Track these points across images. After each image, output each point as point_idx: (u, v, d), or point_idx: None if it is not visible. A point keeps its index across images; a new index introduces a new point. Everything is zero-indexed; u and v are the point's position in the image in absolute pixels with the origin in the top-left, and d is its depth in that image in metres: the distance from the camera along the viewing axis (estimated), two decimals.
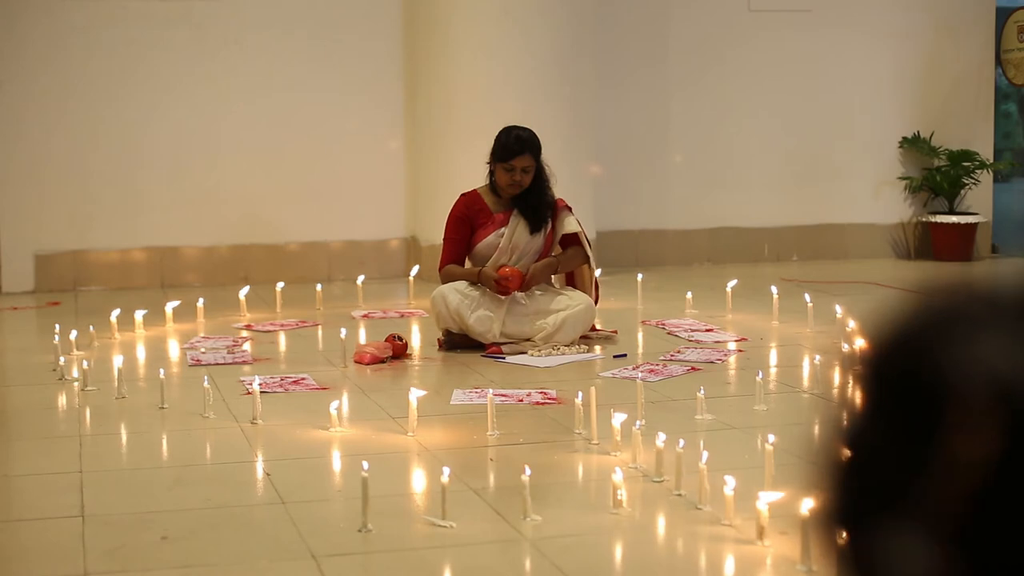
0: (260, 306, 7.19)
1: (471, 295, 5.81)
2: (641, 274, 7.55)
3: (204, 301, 6.92)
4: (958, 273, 8.66)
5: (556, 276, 6.10)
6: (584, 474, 3.91)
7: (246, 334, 6.39)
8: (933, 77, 9.60)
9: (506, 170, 5.81)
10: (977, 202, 9.63)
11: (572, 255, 6.04)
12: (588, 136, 8.33)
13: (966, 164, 9.43)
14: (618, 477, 3.42)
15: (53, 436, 4.40)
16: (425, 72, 8.23)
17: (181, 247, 8.27)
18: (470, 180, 6.19)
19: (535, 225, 5.90)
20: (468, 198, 5.99)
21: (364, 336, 6.28)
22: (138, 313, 6.43)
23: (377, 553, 3.19)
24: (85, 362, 5.22)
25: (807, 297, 6.47)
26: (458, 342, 5.84)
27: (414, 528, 3.34)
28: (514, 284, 5.77)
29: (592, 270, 6.13)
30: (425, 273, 7.83)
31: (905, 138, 9.54)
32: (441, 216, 6.10)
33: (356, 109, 8.47)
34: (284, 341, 6.25)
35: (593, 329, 6.08)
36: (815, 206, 9.43)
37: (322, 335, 6.43)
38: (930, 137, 9.53)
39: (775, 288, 6.77)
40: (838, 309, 6.38)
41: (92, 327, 6.24)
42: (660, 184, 9.14)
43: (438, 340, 5.91)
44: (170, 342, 6.21)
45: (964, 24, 9.64)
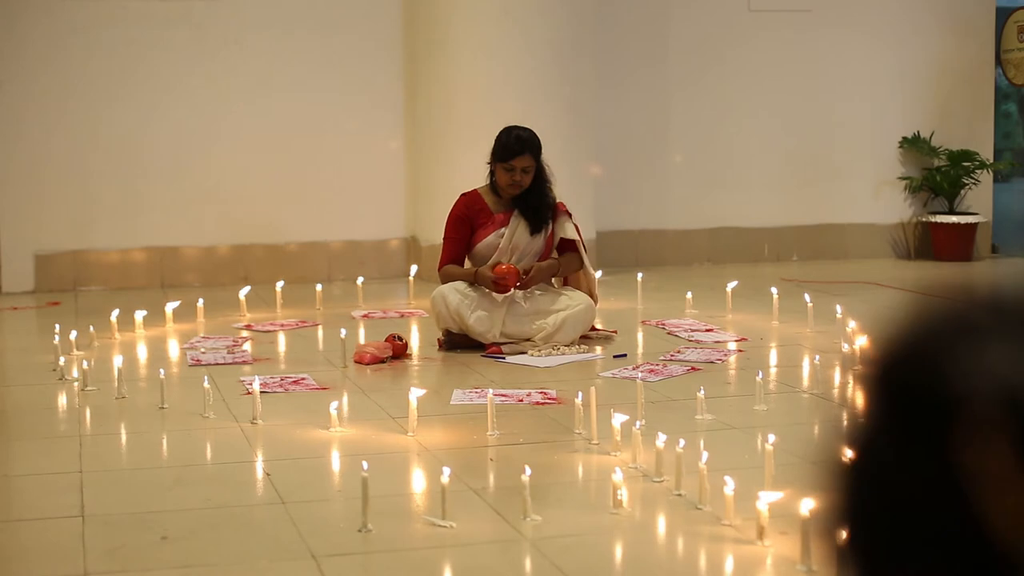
0: (260, 306, 7.19)
1: (471, 295, 5.81)
2: (641, 274, 7.55)
3: (204, 301, 6.92)
4: (961, 276, 8.66)
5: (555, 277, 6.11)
6: (584, 474, 3.91)
7: (246, 334, 6.39)
8: (933, 77, 9.60)
9: (506, 170, 5.80)
10: (977, 202, 9.63)
11: (569, 260, 6.03)
12: (588, 136, 8.33)
13: (966, 164, 9.43)
14: (618, 477, 3.42)
15: (53, 436, 4.40)
16: (425, 72, 8.23)
17: (181, 247, 8.27)
18: (470, 180, 6.19)
19: (535, 226, 5.90)
20: (468, 198, 5.98)
21: (364, 336, 6.28)
22: (138, 313, 6.43)
23: (377, 553, 3.19)
24: (85, 362, 5.22)
25: (807, 297, 6.46)
26: (458, 342, 5.84)
27: (414, 528, 3.34)
28: (511, 281, 5.76)
29: (589, 275, 6.10)
30: (425, 273, 7.82)
31: (905, 138, 9.54)
32: (441, 216, 6.10)
33: (356, 109, 8.47)
34: (284, 341, 6.25)
35: (593, 329, 6.08)
36: (815, 206, 9.42)
37: (322, 335, 6.43)
38: (930, 137, 9.53)
39: (775, 288, 6.77)
40: (838, 309, 6.38)
41: (92, 327, 6.23)
42: (660, 184, 9.14)
43: (438, 340, 5.91)
44: (170, 342, 6.21)
45: (964, 24, 9.64)
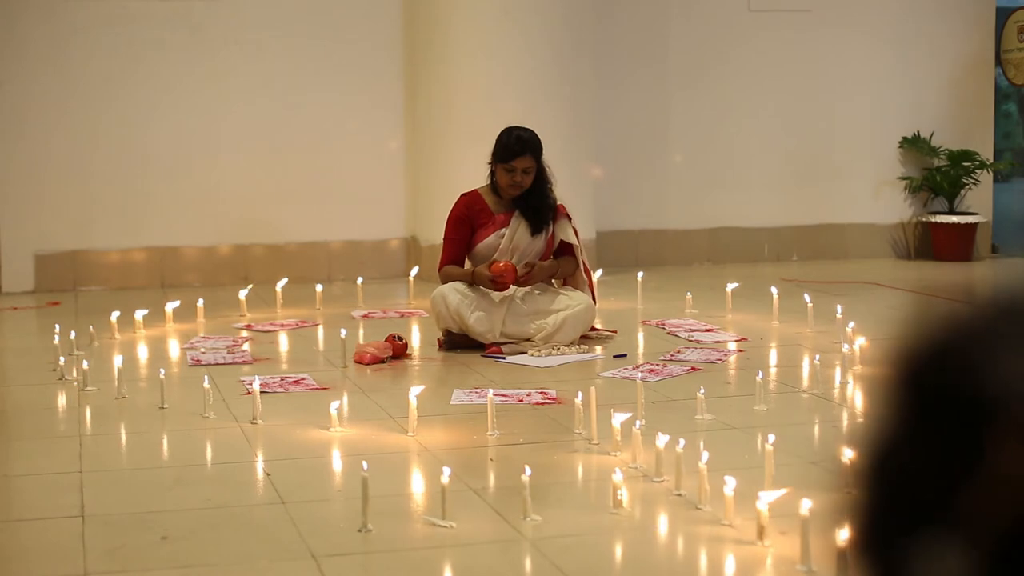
0: (260, 306, 7.19)
1: (471, 295, 5.80)
2: (641, 274, 7.54)
3: (204, 301, 6.92)
4: (961, 276, 8.66)
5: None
6: (584, 474, 3.91)
7: (246, 334, 6.39)
8: (933, 77, 9.60)
9: (507, 171, 5.80)
10: (977, 202, 9.63)
11: (567, 263, 6.03)
12: (588, 136, 8.33)
13: (966, 164, 9.43)
14: (618, 477, 3.42)
15: (53, 436, 4.40)
16: (425, 72, 8.23)
17: (181, 247, 8.27)
18: (470, 180, 6.19)
19: (536, 227, 5.90)
20: (469, 198, 5.98)
21: (364, 336, 6.28)
22: (138, 313, 6.43)
23: (377, 553, 3.19)
24: (85, 362, 5.22)
25: (807, 297, 6.46)
26: (458, 342, 5.83)
27: (414, 528, 3.34)
28: (509, 278, 5.76)
29: (586, 277, 6.09)
30: (425, 273, 7.82)
31: (905, 138, 9.53)
32: (441, 216, 6.09)
33: (356, 109, 8.47)
34: (284, 341, 6.25)
35: (593, 329, 6.08)
36: (815, 206, 9.42)
37: (322, 335, 6.43)
38: (930, 137, 9.53)
39: (775, 288, 6.76)
40: (838, 309, 6.38)
41: (92, 327, 6.23)
42: (660, 184, 9.14)
43: (438, 340, 5.91)
44: (170, 342, 6.21)
45: (964, 24, 9.64)
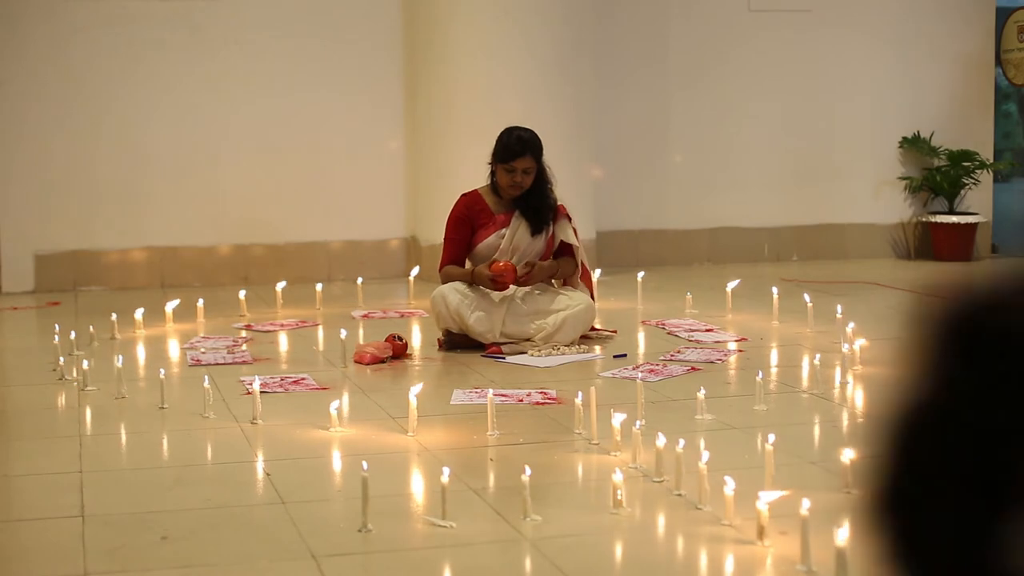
0: (260, 306, 7.20)
1: (471, 295, 5.80)
2: (641, 274, 7.54)
3: (204, 301, 6.92)
4: (961, 276, 8.66)
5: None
6: (584, 474, 3.91)
7: (246, 334, 6.39)
8: (933, 77, 9.60)
9: (507, 171, 5.80)
10: (977, 202, 9.63)
11: (566, 263, 6.03)
12: (588, 136, 8.33)
13: (966, 164, 9.43)
14: (618, 477, 3.42)
15: (53, 436, 4.39)
16: (425, 72, 8.23)
17: (181, 247, 8.27)
18: (470, 180, 6.19)
19: (536, 227, 5.90)
20: (469, 198, 5.98)
21: (364, 336, 6.28)
22: (138, 313, 6.43)
23: (377, 553, 3.19)
24: (85, 362, 5.22)
25: (807, 297, 6.46)
26: (458, 342, 5.83)
27: (414, 528, 3.34)
28: (509, 278, 5.76)
29: (585, 283, 6.08)
30: (425, 273, 7.82)
31: (905, 138, 9.53)
32: (441, 216, 6.09)
33: (356, 109, 8.47)
34: (284, 341, 6.25)
35: (593, 329, 6.08)
36: (815, 206, 9.42)
37: (322, 335, 6.43)
38: (930, 137, 9.53)
39: (775, 288, 6.76)
40: (838, 309, 6.38)
41: (92, 327, 6.23)
42: (660, 184, 9.14)
43: (438, 340, 5.91)
44: (170, 342, 6.21)
45: (964, 24, 9.64)
